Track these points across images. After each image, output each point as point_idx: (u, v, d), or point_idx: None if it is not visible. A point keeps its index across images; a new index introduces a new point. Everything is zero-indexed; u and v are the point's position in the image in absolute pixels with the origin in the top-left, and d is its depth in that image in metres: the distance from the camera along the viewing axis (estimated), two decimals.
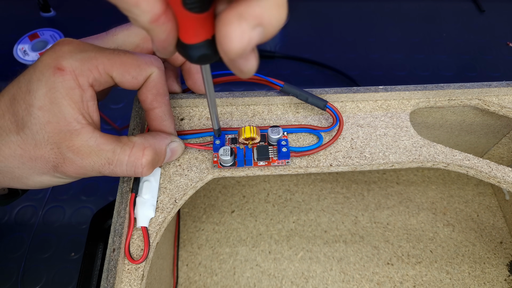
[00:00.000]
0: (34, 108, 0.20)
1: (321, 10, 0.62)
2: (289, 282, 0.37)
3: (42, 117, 0.20)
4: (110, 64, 0.21)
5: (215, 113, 0.23)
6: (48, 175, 0.22)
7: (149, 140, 0.23)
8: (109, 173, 0.22)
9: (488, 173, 0.26)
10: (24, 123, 0.20)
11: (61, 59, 0.20)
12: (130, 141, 0.22)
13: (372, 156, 0.27)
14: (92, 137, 0.21)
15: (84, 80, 0.21)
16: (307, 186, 0.43)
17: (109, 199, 0.42)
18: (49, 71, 0.20)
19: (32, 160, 0.21)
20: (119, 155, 0.22)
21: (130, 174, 0.23)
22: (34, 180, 0.22)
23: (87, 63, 0.21)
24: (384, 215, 0.41)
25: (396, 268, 0.37)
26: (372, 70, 0.54)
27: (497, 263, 0.38)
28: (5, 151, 0.21)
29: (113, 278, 0.22)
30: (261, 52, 0.54)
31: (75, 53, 0.21)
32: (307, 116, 0.29)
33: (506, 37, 0.57)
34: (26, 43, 0.45)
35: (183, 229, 0.40)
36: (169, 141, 0.24)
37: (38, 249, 0.39)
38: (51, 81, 0.20)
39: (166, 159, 0.25)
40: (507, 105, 0.29)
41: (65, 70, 0.20)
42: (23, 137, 0.21)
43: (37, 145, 0.21)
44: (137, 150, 0.22)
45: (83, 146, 0.21)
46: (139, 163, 0.22)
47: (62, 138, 0.21)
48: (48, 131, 0.20)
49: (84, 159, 0.21)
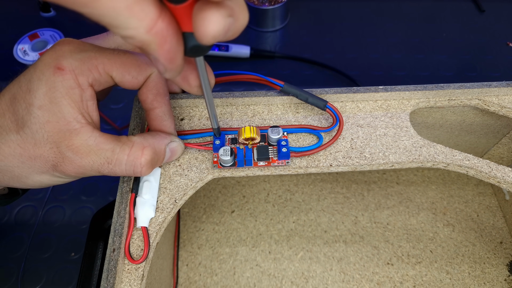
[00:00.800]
0: (34, 107, 0.20)
1: (321, 10, 0.62)
2: (289, 282, 0.37)
3: (42, 116, 0.20)
4: (110, 64, 0.21)
5: (214, 111, 0.23)
6: (47, 174, 0.22)
7: (149, 139, 0.23)
8: (108, 173, 0.22)
9: (488, 173, 0.26)
10: (24, 122, 0.20)
11: (61, 59, 0.20)
12: (129, 141, 0.22)
13: (372, 156, 0.27)
14: (92, 136, 0.21)
15: (83, 80, 0.21)
16: (307, 186, 0.43)
17: (109, 199, 0.42)
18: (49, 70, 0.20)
19: (31, 159, 0.21)
20: (118, 154, 0.22)
21: (129, 173, 0.23)
22: (34, 179, 0.22)
23: (87, 63, 0.21)
24: (384, 215, 0.41)
25: (396, 268, 0.37)
26: (372, 70, 0.54)
27: (497, 263, 0.38)
28: (4, 150, 0.21)
29: (113, 278, 0.22)
30: (261, 52, 0.54)
31: (75, 52, 0.21)
32: (307, 116, 0.29)
33: (506, 37, 0.57)
34: (26, 43, 0.46)
35: (183, 229, 0.40)
36: (168, 141, 0.24)
37: (38, 249, 0.39)
38: (51, 80, 0.20)
39: (166, 159, 0.25)
40: (507, 105, 0.29)
41: (65, 70, 0.20)
42: (22, 136, 0.21)
43: (36, 144, 0.21)
44: (136, 149, 0.22)
45: (82, 145, 0.21)
46: (138, 163, 0.22)
47: (61, 137, 0.21)
48: (47, 130, 0.20)
49: (83, 158, 0.21)
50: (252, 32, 0.58)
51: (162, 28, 0.15)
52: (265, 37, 0.58)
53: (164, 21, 0.15)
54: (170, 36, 0.15)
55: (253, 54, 0.54)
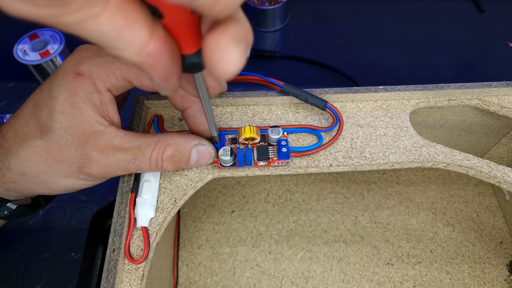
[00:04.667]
0: (56, 113, 0.21)
1: (321, 10, 0.62)
2: (289, 282, 0.37)
3: (65, 122, 0.21)
4: (127, 69, 0.22)
5: (213, 122, 0.23)
6: (73, 177, 0.22)
7: (175, 137, 0.23)
8: (135, 169, 0.22)
9: (488, 173, 0.26)
10: (48, 128, 0.21)
11: (80, 65, 0.21)
12: (155, 137, 0.23)
13: (372, 156, 0.27)
14: (117, 136, 0.22)
15: (101, 85, 0.21)
16: (307, 186, 0.43)
17: (109, 199, 0.42)
18: (69, 76, 0.21)
19: (57, 163, 0.22)
20: (144, 150, 0.22)
21: (154, 169, 0.23)
22: (60, 184, 0.23)
23: (104, 68, 0.21)
24: (384, 215, 0.41)
25: (396, 268, 0.37)
26: (372, 70, 0.54)
27: (497, 263, 0.38)
28: (31, 156, 0.22)
29: (113, 278, 0.22)
30: (261, 52, 0.54)
31: (93, 58, 0.21)
32: (307, 116, 0.29)
33: (506, 37, 0.57)
34: (26, 43, 0.45)
35: (183, 229, 0.40)
36: (196, 143, 0.24)
37: (38, 249, 0.39)
38: (72, 86, 0.21)
39: (193, 161, 0.24)
40: (507, 105, 0.29)
41: (84, 75, 0.21)
42: (47, 142, 0.21)
43: (61, 148, 0.21)
44: (160, 145, 0.22)
45: (108, 145, 0.21)
46: (160, 157, 0.22)
47: (86, 140, 0.21)
48: (71, 134, 0.21)
49: (109, 157, 0.21)
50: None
51: (154, 50, 0.14)
52: (265, 37, 0.58)
53: (156, 42, 0.14)
54: (164, 58, 0.15)
55: (253, 54, 0.54)
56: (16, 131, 0.22)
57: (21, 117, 0.22)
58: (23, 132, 0.22)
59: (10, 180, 0.23)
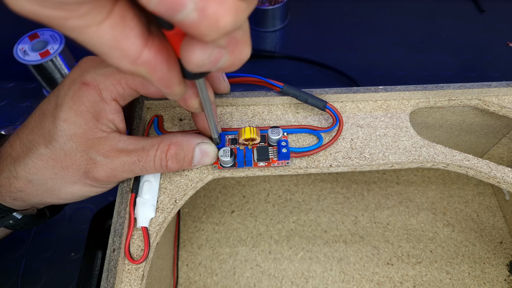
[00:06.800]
0: (59, 120, 0.21)
1: (321, 10, 0.62)
2: (289, 282, 0.37)
3: (68, 129, 0.21)
4: (132, 78, 0.22)
5: (215, 125, 0.23)
6: (79, 183, 0.23)
7: (178, 137, 0.24)
8: (140, 170, 0.23)
9: (488, 173, 0.26)
10: (51, 135, 0.21)
11: (86, 75, 0.21)
12: (158, 137, 0.23)
13: (372, 156, 0.27)
14: (121, 140, 0.22)
15: (107, 95, 0.22)
16: (307, 186, 0.43)
17: (109, 199, 0.42)
18: (75, 85, 0.21)
19: (64, 169, 0.22)
20: (148, 150, 0.22)
21: (159, 169, 0.23)
22: (66, 191, 0.23)
23: (110, 77, 0.21)
24: (384, 215, 0.41)
25: (396, 268, 0.37)
26: (372, 70, 0.54)
27: (497, 263, 0.38)
28: (38, 164, 0.22)
29: (113, 278, 0.22)
30: (261, 52, 0.54)
31: (98, 68, 0.22)
32: (307, 116, 0.29)
33: (506, 37, 0.57)
34: (26, 43, 0.45)
35: (183, 229, 0.40)
36: (199, 141, 0.24)
37: (38, 249, 0.39)
38: (77, 95, 0.21)
39: (197, 160, 0.24)
40: (507, 105, 0.29)
41: (90, 85, 0.21)
42: (51, 149, 0.21)
43: (67, 154, 0.21)
44: (164, 144, 0.23)
45: (112, 148, 0.22)
46: (164, 156, 0.23)
47: (90, 145, 0.21)
48: (75, 141, 0.21)
49: (114, 160, 0.22)
50: (252, 32, 0.58)
51: (149, 58, 0.15)
52: (265, 37, 0.58)
53: (151, 50, 0.14)
54: (160, 65, 0.15)
55: (253, 54, 0.53)
56: (22, 140, 0.22)
57: (27, 126, 0.23)
58: (28, 140, 0.22)
59: (17, 189, 0.23)
